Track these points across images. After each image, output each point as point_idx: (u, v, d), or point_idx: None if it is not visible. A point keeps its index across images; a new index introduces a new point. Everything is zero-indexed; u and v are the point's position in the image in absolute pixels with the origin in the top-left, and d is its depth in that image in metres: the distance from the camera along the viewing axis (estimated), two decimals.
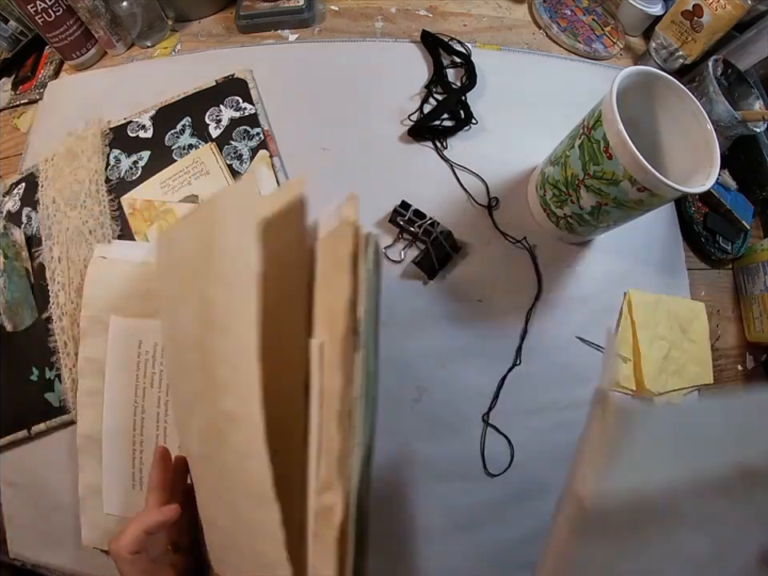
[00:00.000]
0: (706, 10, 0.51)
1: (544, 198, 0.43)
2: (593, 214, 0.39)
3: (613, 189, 0.35)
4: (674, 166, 0.37)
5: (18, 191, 0.48)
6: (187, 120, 0.48)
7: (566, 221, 0.42)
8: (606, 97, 0.34)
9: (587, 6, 0.61)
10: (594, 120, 0.34)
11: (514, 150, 0.49)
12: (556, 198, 0.41)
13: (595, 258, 0.47)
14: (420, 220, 0.43)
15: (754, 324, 0.49)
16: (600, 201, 0.37)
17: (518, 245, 0.45)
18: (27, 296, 0.43)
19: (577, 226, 0.42)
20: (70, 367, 0.41)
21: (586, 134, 0.35)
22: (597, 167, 0.35)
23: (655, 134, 0.38)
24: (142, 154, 0.47)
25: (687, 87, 0.36)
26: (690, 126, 0.36)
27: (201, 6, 0.56)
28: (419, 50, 0.54)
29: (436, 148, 0.48)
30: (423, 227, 0.43)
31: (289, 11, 0.54)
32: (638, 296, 0.46)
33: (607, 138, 0.33)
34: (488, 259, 0.45)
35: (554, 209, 0.42)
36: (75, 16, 0.50)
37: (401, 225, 0.43)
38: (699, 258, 0.50)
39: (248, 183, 0.25)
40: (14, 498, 0.41)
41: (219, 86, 0.50)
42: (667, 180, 0.31)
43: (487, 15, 0.59)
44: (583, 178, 0.36)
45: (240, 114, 0.48)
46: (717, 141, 0.35)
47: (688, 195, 0.50)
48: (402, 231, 0.44)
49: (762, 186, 0.51)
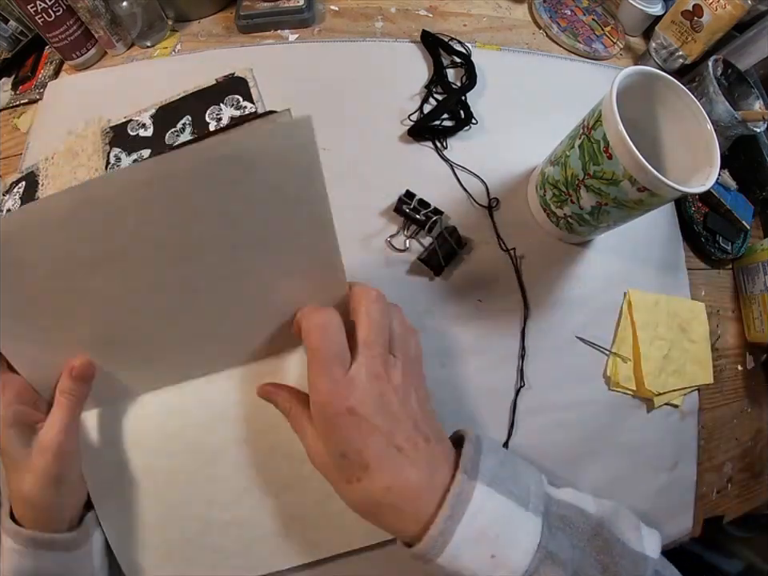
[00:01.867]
0: (706, 10, 0.51)
1: (544, 198, 0.43)
2: (593, 214, 0.39)
3: (613, 189, 0.35)
4: (674, 166, 0.37)
5: (18, 190, 0.48)
6: (187, 119, 0.48)
7: (566, 221, 0.42)
8: (605, 97, 0.34)
9: (587, 6, 0.61)
10: (594, 120, 0.34)
11: (514, 149, 0.49)
12: (556, 198, 0.41)
13: (595, 257, 0.47)
14: (425, 209, 0.43)
15: (754, 324, 0.49)
16: (600, 201, 0.37)
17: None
18: None
19: (577, 226, 0.42)
20: None
21: (586, 134, 0.35)
22: (597, 167, 0.35)
23: (655, 133, 0.38)
24: (143, 152, 0.47)
25: (687, 87, 0.36)
26: (690, 125, 0.36)
27: (201, 5, 0.56)
28: (419, 49, 0.54)
29: (436, 148, 0.48)
30: (429, 216, 0.43)
31: (289, 11, 0.54)
32: (638, 296, 0.46)
33: (607, 138, 0.33)
34: (488, 259, 0.45)
35: (553, 209, 0.42)
36: (75, 16, 0.50)
37: (407, 213, 0.43)
38: (699, 258, 0.51)
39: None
40: None
41: (219, 85, 0.49)
42: (667, 180, 0.31)
43: (487, 15, 0.59)
44: (583, 178, 0.36)
45: (240, 113, 0.48)
46: (717, 141, 0.35)
47: (688, 195, 0.50)
48: (407, 220, 0.44)
49: (762, 185, 0.52)
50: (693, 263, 0.50)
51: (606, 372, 0.44)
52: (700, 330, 0.47)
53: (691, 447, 0.45)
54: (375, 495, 0.26)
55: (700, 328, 0.47)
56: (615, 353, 0.44)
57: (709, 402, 0.47)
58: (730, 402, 0.48)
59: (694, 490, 0.45)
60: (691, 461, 0.45)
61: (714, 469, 0.46)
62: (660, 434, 0.44)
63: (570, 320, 0.44)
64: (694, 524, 0.45)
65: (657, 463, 0.44)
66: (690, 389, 0.45)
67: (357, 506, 0.27)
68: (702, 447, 0.46)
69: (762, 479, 0.49)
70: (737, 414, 0.48)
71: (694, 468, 0.45)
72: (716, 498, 0.46)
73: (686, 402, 0.45)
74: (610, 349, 0.44)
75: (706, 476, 0.46)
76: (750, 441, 0.49)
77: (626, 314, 0.45)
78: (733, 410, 0.48)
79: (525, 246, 0.45)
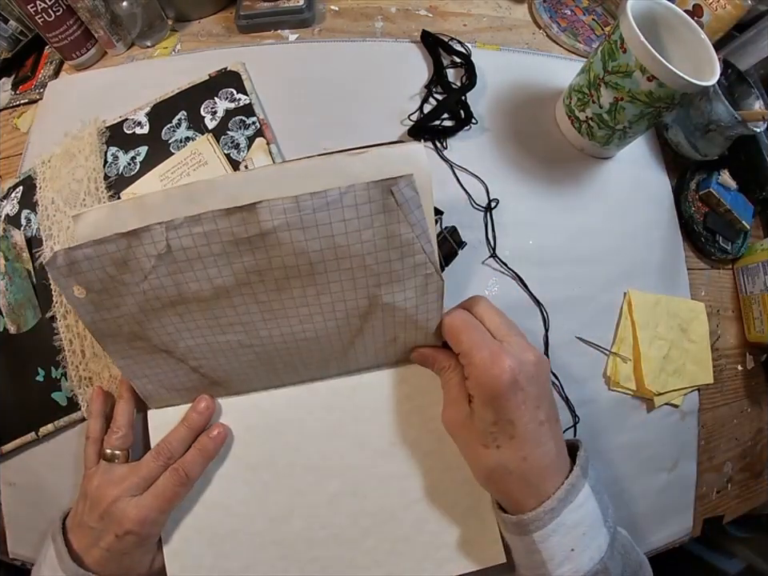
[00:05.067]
0: (706, 10, 0.51)
1: (569, 106, 0.48)
2: (611, 113, 0.43)
3: (627, 81, 0.40)
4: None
5: (16, 194, 0.48)
6: (183, 114, 0.48)
7: (587, 124, 0.46)
8: (622, 3, 0.39)
9: (587, 6, 0.61)
10: (614, 27, 0.41)
11: (514, 150, 0.49)
12: (579, 101, 0.46)
13: (596, 257, 0.47)
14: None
15: (754, 324, 0.49)
16: (617, 96, 0.42)
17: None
18: (30, 297, 0.43)
19: (597, 130, 0.46)
20: (77, 364, 0.41)
21: (607, 39, 0.41)
22: (614, 62, 0.41)
23: (663, 54, 0.40)
24: (140, 149, 0.47)
25: None
26: (692, 48, 0.42)
27: (201, 5, 0.56)
28: (419, 49, 0.54)
29: (436, 148, 0.48)
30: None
31: (289, 11, 0.54)
32: (638, 296, 0.46)
33: (623, 36, 0.39)
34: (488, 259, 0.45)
35: (577, 114, 0.47)
36: (75, 16, 0.50)
37: None
38: (699, 258, 0.50)
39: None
40: (14, 498, 0.41)
41: (213, 80, 0.50)
42: (671, 66, 0.36)
43: (487, 15, 0.58)
44: (603, 76, 0.42)
45: (235, 105, 0.48)
46: (716, 55, 0.40)
47: (688, 195, 0.50)
48: None
49: (762, 185, 0.51)
50: (693, 263, 0.50)
51: (605, 372, 0.44)
52: (700, 330, 0.47)
53: (691, 447, 0.45)
54: (510, 464, 0.29)
55: (700, 328, 0.47)
56: (615, 353, 0.44)
57: (709, 402, 0.47)
58: (730, 402, 0.48)
59: (693, 490, 0.45)
60: (691, 461, 0.45)
61: (714, 469, 0.46)
62: (660, 434, 0.44)
63: (570, 320, 0.44)
64: (693, 524, 0.45)
65: (657, 463, 0.44)
66: (690, 389, 0.45)
67: (485, 470, 0.30)
68: (702, 447, 0.46)
69: (761, 479, 0.49)
70: (737, 414, 0.48)
71: (694, 468, 0.45)
72: (716, 498, 0.46)
73: (685, 402, 0.45)
74: (610, 349, 0.44)
75: (706, 476, 0.46)
76: (749, 441, 0.49)
77: (626, 313, 0.45)
78: (733, 410, 0.48)
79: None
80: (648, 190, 0.51)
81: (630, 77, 0.40)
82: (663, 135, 0.52)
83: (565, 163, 0.49)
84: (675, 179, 0.52)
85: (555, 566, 0.28)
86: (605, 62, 0.42)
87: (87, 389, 0.40)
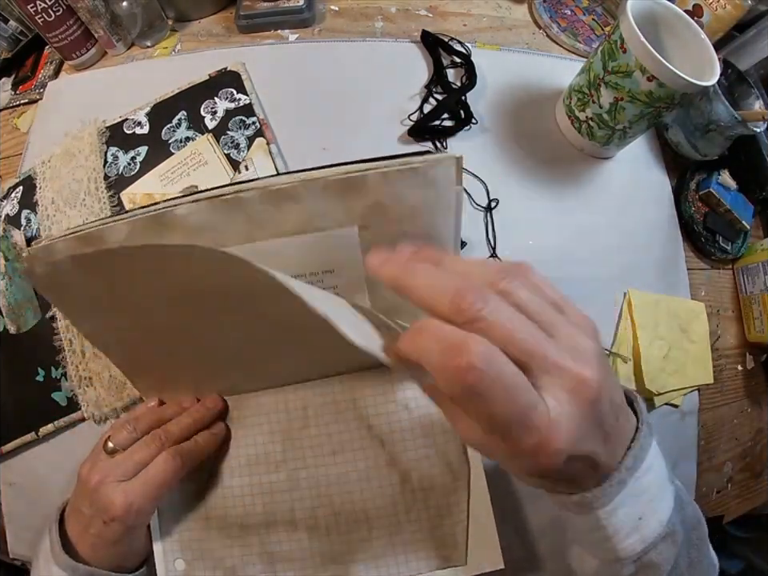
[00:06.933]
0: (706, 10, 0.51)
1: (569, 106, 0.48)
2: (610, 113, 0.43)
3: (627, 81, 0.40)
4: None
5: (16, 195, 0.48)
6: (183, 114, 0.48)
7: (587, 124, 0.46)
8: (622, 3, 0.39)
9: (587, 6, 0.61)
10: (614, 27, 0.41)
11: (514, 150, 0.49)
12: (579, 101, 0.46)
13: (596, 257, 0.47)
14: None
15: (754, 324, 0.49)
16: (617, 96, 0.42)
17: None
18: (30, 297, 0.43)
19: (597, 130, 0.46)
20: (77, 364, 0.41)
21: (607, 38, 0.41)
22: (614, 62, 0.41)
23: (662, 54, 0.40)
24: (140, 149, 0.47)
25: None
26: (692, 49, 0.42)
27: (201, 5, 0.56)
28: (419, 49, 0.54)
29: (436, 148, 0.48)
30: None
31: (289, 11, 0.54)
32: (638, 296, 0.46)
33: (623, 36, 0.39)
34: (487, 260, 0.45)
35: (577, 114, 0.47)
36: (75, 16, 0.50)
37: None
38: (699, 258, 0.50)
39: None
40: (14, 498, 0.41)
41: (212, 80, 0.50)
42: (670, 65, 0.36)
43: (487, 15, 0.58)
44: (603, 76, 0.42)
45: (235, 105, 0.48)
46: (716, 55, 0.41)
47: (688, 192, 0.50)
48: None
49: (762, 185, 0.51)
50: (693, 263, 0.50)
51: None
52: (700, 330, 0.47)
53: (691, 447, 0.45)
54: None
55: (700, 328, 0.47)
56: (615, 353, 0.44)
57: (709, 402, 0.47)
58: (730, 402, 0.48)
59: (694, 490, 0.45)
60: (691, 461, 0.45)
61: (714, 469, 0.46)
62: (660, 434, 0.44)
63: None
64: None
65: None
66: (690, 389, 0.45)
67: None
68: (702, 447, 0.46)
69: (761, 479, 0.49)
70: (737, 414, 0.48)
71: (694, 468, 0.45)
72: (716, 498, 0.46)
73: (685, 402, 0.45)
74: (610, 349, 0.44)
75: (706, 476, 0.46)
76: (749, 441, 0.49)
77: (626, 313, 0.45)
78: (733, 410, 0.48)
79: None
80: (648, 190, 0.51)
81: (630, 77, 0.40)
82: (663, 135, 0.52)
83: (565, 163, 0.49)
84: (675, 179, 0.52)
85: (621, 538, 0.24)
86: (605, 62, 0.42)
87: (87, 389, 0.40)
